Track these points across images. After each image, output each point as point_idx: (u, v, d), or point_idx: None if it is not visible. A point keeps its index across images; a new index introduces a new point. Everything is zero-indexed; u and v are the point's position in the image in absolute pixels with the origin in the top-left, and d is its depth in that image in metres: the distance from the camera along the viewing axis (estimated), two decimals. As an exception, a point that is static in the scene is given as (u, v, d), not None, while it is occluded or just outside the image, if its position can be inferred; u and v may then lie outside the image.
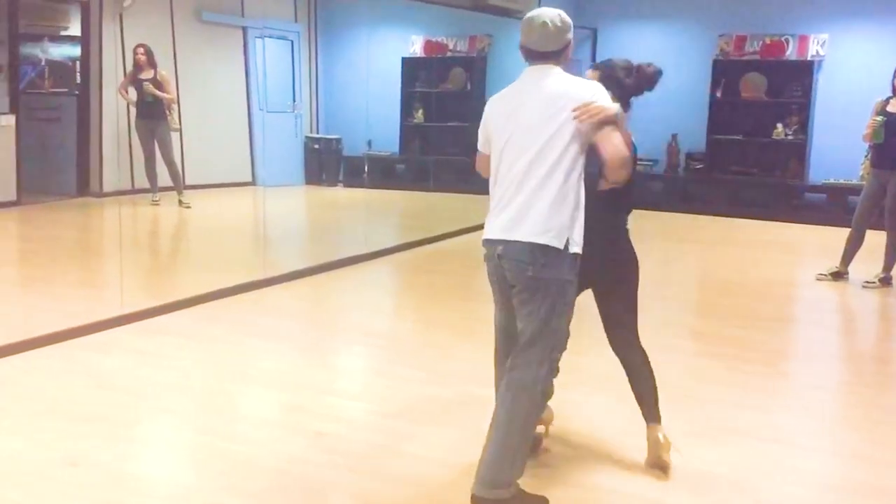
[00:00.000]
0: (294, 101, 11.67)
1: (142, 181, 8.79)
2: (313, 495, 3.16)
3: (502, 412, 2.96)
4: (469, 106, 10.33)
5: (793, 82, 10.10)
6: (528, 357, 2.96)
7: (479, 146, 3.17)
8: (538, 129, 2.92)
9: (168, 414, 3.89)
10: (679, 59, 10.77)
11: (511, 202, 2.94)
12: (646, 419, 3.41)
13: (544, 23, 2.97)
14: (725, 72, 10.31)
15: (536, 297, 2.92)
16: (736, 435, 3.77)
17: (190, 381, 4.26)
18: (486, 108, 3.13)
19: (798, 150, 10.13)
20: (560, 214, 2.89)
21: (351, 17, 11.82)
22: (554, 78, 3.00)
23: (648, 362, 3.43)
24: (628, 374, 3.44)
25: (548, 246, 2.88)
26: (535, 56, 3.02)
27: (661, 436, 3.36)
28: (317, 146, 11.74)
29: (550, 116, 2.91)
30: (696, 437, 3.71)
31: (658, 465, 3.35)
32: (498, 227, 2.97)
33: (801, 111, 10.09)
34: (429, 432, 3.68)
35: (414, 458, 3.45)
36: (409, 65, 11.47)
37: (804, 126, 10.07)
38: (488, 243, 3.03)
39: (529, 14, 3.04)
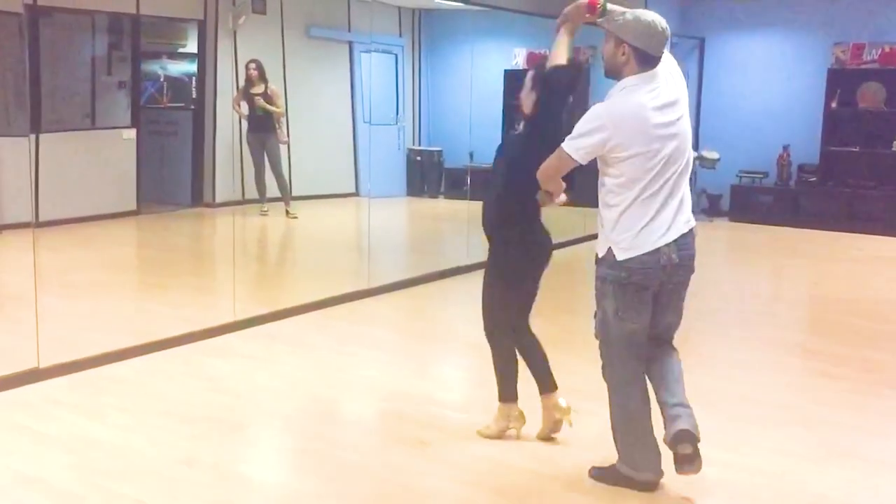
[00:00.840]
0: (397, 113, 11.85)
1: (251, 192, 9.10)
2: (417, 504, 3.20)
3: (681, 379, 3.23)
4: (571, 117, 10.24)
5: (914, 91, 9.63)
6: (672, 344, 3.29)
7: (579, 156, 3.04)
8: (688, 130, 3.08)
9: (277, 418, 4.00)
10: (791, 68, 10.43)
11: (672, 204, 3.03)
12: (543, 390, 3.66)
13: (665, 28, 3.00)
14: (841, 81, 9.91)
15: (685, 287, 3.19)
16: (852, 459, 3.61)
17: (298, 387, 4.38)
18: (612, 121, 2.99)
19: (920, 163, 9.64)
20: None
21: (454, 31, 11.93)
22: (670, 79, 3.07)
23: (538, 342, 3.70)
24: (523, 355, 3.72)
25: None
26: (653, 62, 3.02)
27: (561, 401, 3.63)
28: (419, 158, 11.88)
29: (687, 117, 3.09)
30: (811, 461, 3.58)
31: (555, 429, 3.64)
32: (664, 230, 3.02)
33: (923, 122, 9.61)
34: (532, 444, 3.67)
35: (517, 469, 3.44)
36: (511, 77, 11.46)
37: (926, 137, 9.58)
38: (656, 252, 3.01)
39: (645, 17, 3.00)
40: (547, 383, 3.69)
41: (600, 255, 3.12)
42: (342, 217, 10.08)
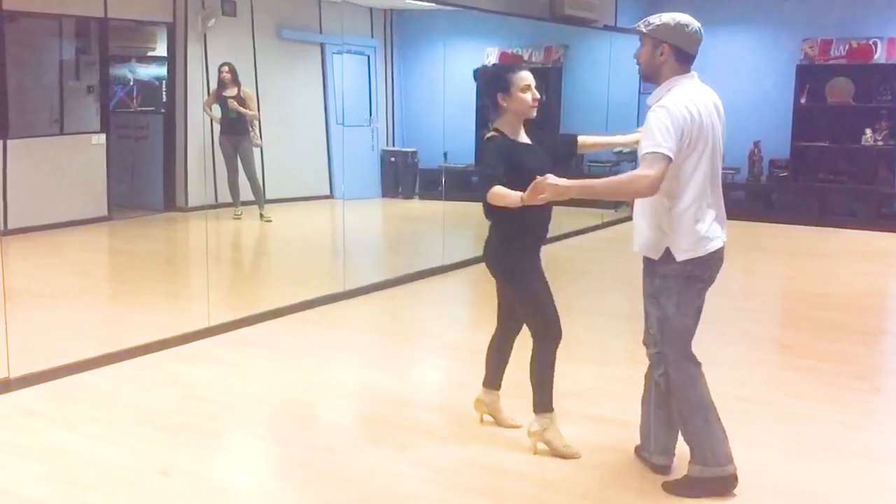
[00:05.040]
0: (371, 115, 11.81)
1: (225, 196, 9.01)
2: (397, 507, 3.18)
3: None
4: (544, 116, 10.21)
5: (882, 86, 9.76)
6: None
7: (671, 151, 2.95)
8: (721, 135, 3.19)
9: (253, 424, 3.96)
10: (761, 64, 10.53)
11: (721, 205, 3.20)
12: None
13: (699, 28, 3.15)
14: (810, 77, 10.02)
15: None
16: (828, 452, 3.65)
17: (274, 392, 4.34)
18: (691, 110, 3.02)
19: (888, 157, 9.77)
20: None
21: (426, 31, 11.91)
22: (708, 91, 3.22)
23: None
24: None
25: None
26: (690, 60, 3.16)
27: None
28: (393, 159, 11.84)
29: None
30: (787, 454, 3.61)
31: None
32: (723, 231, 3.21)
33: (890, 116, 9.73)
34: (512, 444, 3.66)
35: (496, 471, 3.44)
36: (484, 77, 11.47)
37: (895, 131, 9.71)
38: (721, 251, 3.20)
39: (679, 18, 3.11)
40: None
41: (654, 258, 3.17)
42: (316, 219, 10.02)
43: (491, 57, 11.50)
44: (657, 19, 3.11)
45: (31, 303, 5.70)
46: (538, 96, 3.49)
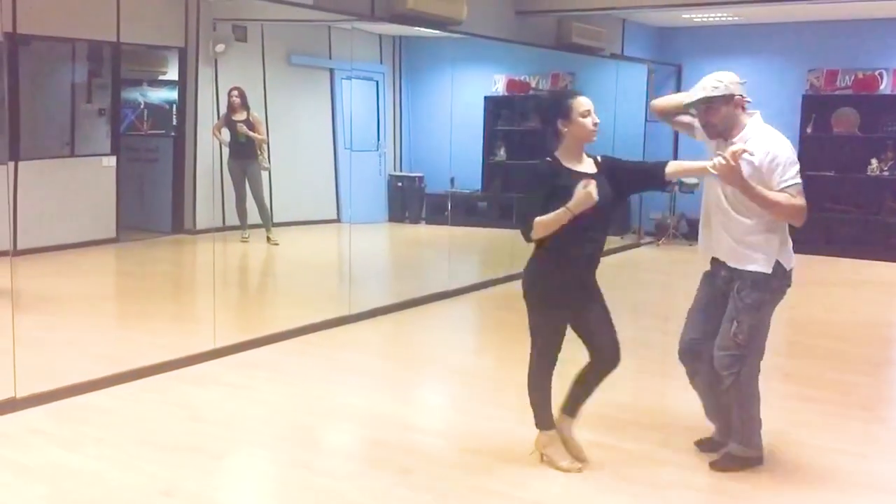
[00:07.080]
0: (378, 140, 11.89)
1: (232, 219, 9.07)
2: (399, 531, 3.18)
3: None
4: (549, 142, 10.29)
5: (887, 117, 9.80)
6: None
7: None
8: None
9: (257, 446, 3.98)
10: (767, 94, 10.53)
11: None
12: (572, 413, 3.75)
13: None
14: (816, 107, 10.08)
15: None
16: (833, 482, 3.64)
17: (278, 415, 4.35)
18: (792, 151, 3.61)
19: (894, 187, 9.79)
20: None
21: (434, 58, 12.02)
22: None
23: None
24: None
25: None
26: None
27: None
28: (400, 184, 11.92)
29: None
30: (790, 483, 3.60)
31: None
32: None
33: (896, 146, 9.77)
34: (514, 471, 3.67)
35: (498, 496, 3.44)
36: (491, 103, 11.56)
37: (900, 161, 9.74)
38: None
39: (732, 74, 3.65)
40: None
41: (768, 272, 3.62)
42: (324, 243, 10.07)
43: (498, 84, 11.61)
44: (718, 83, 3.52)
45: (39, 323, 5.74)
46: (598, 121, 3.52)
